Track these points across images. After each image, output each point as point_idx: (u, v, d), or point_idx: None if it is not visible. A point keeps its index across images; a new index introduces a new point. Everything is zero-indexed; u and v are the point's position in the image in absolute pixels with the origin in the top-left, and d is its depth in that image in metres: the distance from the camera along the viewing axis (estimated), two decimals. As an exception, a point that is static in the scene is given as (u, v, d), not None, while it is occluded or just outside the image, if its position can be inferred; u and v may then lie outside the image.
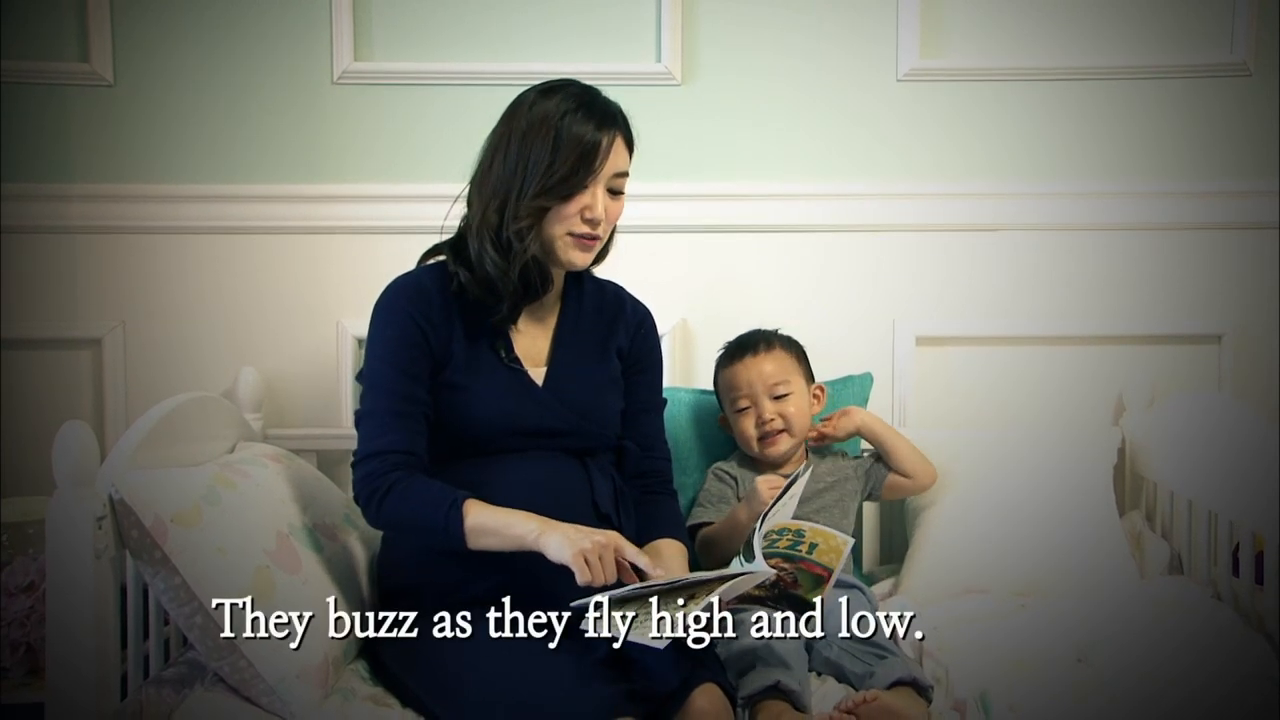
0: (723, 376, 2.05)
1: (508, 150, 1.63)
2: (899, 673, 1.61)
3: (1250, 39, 2.31)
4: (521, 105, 1.66)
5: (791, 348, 2.06)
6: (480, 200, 1.66)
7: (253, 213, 2.30)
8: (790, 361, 2.04)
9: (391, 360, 1.64)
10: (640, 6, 2.31)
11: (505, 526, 1.53)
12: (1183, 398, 2.19)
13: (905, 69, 2.33)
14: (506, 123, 1.66)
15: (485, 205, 1.65)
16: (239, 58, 2.29)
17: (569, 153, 1.60)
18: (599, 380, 1.77)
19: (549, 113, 1.61)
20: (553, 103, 1.63)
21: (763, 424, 1.99)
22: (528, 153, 1.61)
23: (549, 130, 1.61)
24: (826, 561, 1.56)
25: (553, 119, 1.61)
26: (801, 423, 2.01)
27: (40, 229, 2.28)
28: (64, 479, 1.45)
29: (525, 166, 1.61)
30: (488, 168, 1.67)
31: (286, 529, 1.65)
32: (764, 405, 1.99)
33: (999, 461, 2.15)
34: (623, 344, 1.81)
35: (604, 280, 1.88)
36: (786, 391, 2.00)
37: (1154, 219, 2.35)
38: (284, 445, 2.03)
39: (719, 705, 1.51)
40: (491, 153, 1.67)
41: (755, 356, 2.02)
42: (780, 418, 1.99)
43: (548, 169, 1.60)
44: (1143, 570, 2.08)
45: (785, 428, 1.99)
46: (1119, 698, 1.58)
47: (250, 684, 1.51)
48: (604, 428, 1.75)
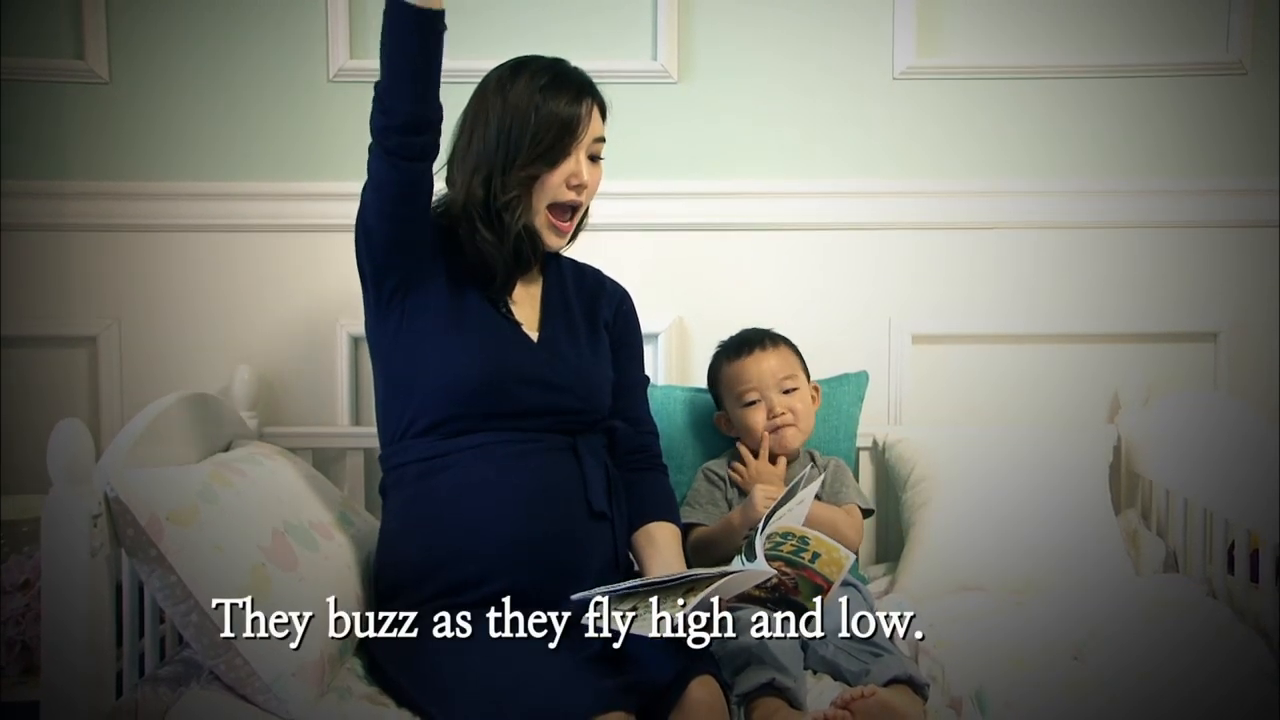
0: (728, 371, 2.04)
1: (486, 128, 1.66)
2: (895, 670, 1.62)
3: (1246, 37, 2.31)
4: (490, 84, 1.69)
5: (792, 346, 2.07)
6: (462, 178, 1.69)
7: (249, 210, 2.30)
8: (794, 359, 2.05)
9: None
10: (637, 5, 2.31)
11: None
12: (1179, 396, 2.20)
13: (902, 67, 2.33)
14: (479, 101, 1.70)
15: (469, 181, 1.67)
16: (235, 55, 2.29)
17: (550, 125, 1.64)
18: (593, 348, 1.79)
19: (523, 89, 1.66)
20: (524, 79, 1.67)
21: (774, 416, 1.99)
22: (508, 127, 1.65)
23: (528, 105, 1.64)
24: (828, 573, 1.56)
25: (529, 94, 1.65)
26: (808, 418, 2.02)
27: (36, 226, 2.27)
28: (59, 477, 1.44)
29: (508, 141, 1.65)
30: (465, 146, 1.69)
31: (282, 527, 1.65)
32: (775, 399, 1.99)
33: (995, 460, 2.15)
34: (607, 318, 1.84)
35: (578, 261, 1.90)
36: (794, 386, 2.01)
37: (1149, 217, 2.35)
38: (280, 443, 2.03)
39: (715, 697, 1.51)
40: (469, 131, 1.69)
41: (763, 351, 2.03)
42: (790, 412, 1.99)
43: (532, 141, 1.64)
44: (1138, 568, 2.09)
45: (794, 422, 1.99)
46: (1115, 695, 1.58)
47: (246, 682, 1.50)
48: (598, 396, 1.76)
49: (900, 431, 2.26)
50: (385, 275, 1.67)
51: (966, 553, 2.05)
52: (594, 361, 1.78)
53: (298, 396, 2.33)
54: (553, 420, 1.69)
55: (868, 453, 2.29)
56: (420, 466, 1.66)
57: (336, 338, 2.32)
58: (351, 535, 1.79)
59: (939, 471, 2.14)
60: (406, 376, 1.68)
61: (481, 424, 1.65)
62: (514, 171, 1.65)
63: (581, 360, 1.75)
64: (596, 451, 1.72)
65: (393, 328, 1.68)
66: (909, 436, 2.23)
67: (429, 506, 1.64)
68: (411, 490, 1.66)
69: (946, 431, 2.24)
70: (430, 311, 1.67)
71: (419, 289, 1.67)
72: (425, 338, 1.66)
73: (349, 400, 2.32)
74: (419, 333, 1.66)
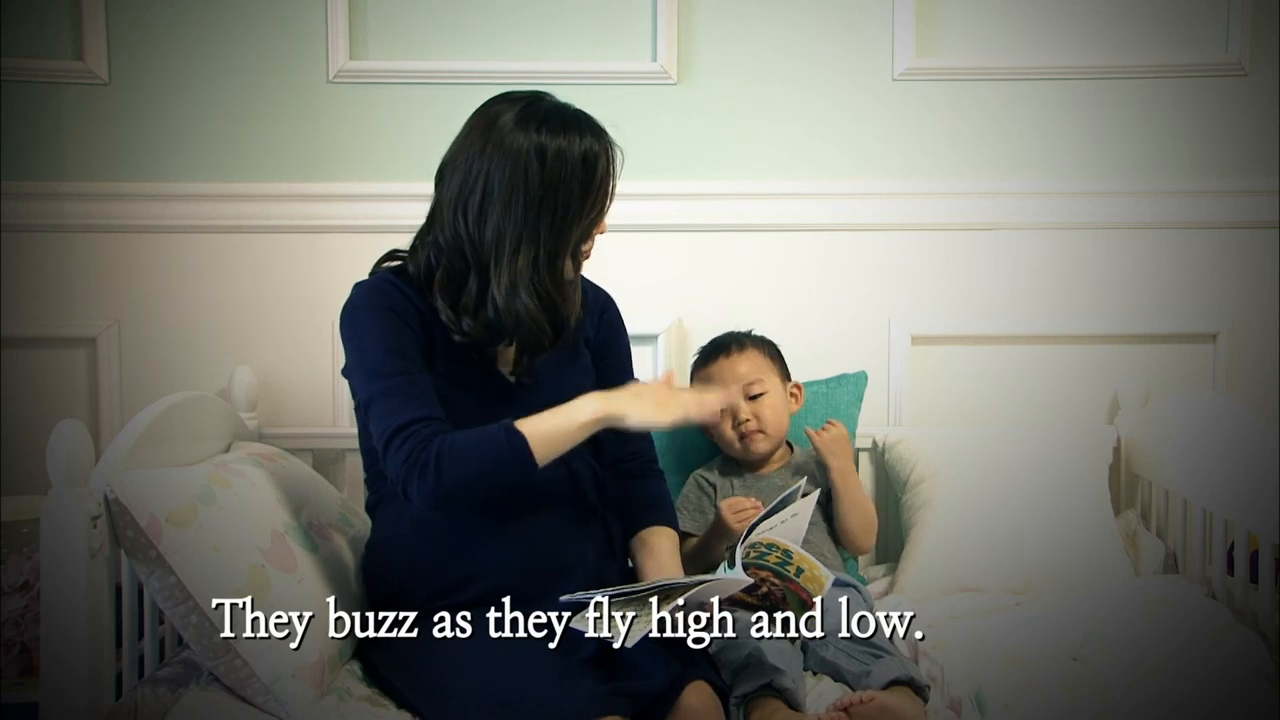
0: (698, 378, 2.05)
1: (525, 199, 1.52)
2: (895, 672, 1.62)
3: (1245, 38, 2.31)
4: (512, 149, 1.53)
5: (765, 347, 2.07)
6: (494, 244, 1.55)
7: (248, 211, 2.30)
8: (764, 360, 2.04)
9: (388, 346, 1.55)
10: (636, 5, 2.31)
11: (564, 420, 1.51)
12: (1178, 396, 2.20)
13: (901, 68, 2.33)
14: (502, 168, 1.53)
15: (513, 254, 1.54)
16: (234, 56, 2.29)
17: (596, 191, 1.56)
18: (572, 374, 1.73)
19: (561, 153, 1.53)
20: (555, 142, 1.53)
21: (739, 424, 1.99)
22: (555, 198, 1.53)
23: (570, 175, 1.53)
24: (812, 589, 1.57)
25: (569, 162, 1.53)
26: (777, 422, 2.01)
27: (35, 227, 2.27)
28: (59, 478, 1.44)
29: (562, 215, 1.54)
30: (488, 207, 1.54)
31: (281, 528, 1.65)
32: (740, 406, 1.99)
33: (994, 460, 2.15)
34: (589, 333, 1.78)
35: None
36: (761, 391, 1.99)
37: (1148, 218, 2.35)
38: (279, 444, 2.03)
39: (710, 703, 1.51)
40: (498, 198, 1.54)
41: (729, 358, 2.02)
42: (755, 418, 1.99)
43: (585, 212, 1.56)
44: (1138, 568, 2.09)
45: (760, 428, 1.99)
46: (1114, 696, 1.58)
47: (246, 683, 1.51)
48: None
49: (900, 432, 2.26)
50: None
51: (966, 553, 2.05)
52: (570, 386, 1.65)
53: (297, 397, 2.33)
54: None
55: (867, 454, 2.29)
56: None
57: (335, 339, 2.31)
58: (351, 537, 1.79)
59: (938, 472, 2.14)
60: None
61: None
62: (573, 244, 1.57)
63: (557, 391, 1.62)
64: (584, 457, 1.69)
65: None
66: (908, 437, 2.23)
67: (415, 515, 1.59)
68: (400, 502, 1.59)
69: (946, 432, 2.24)
70: (433, 371, 1.60)
71: (429, 360, 1.61)
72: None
73: (348, 401, 2.31)
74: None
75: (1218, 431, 2.00)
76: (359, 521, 1.86)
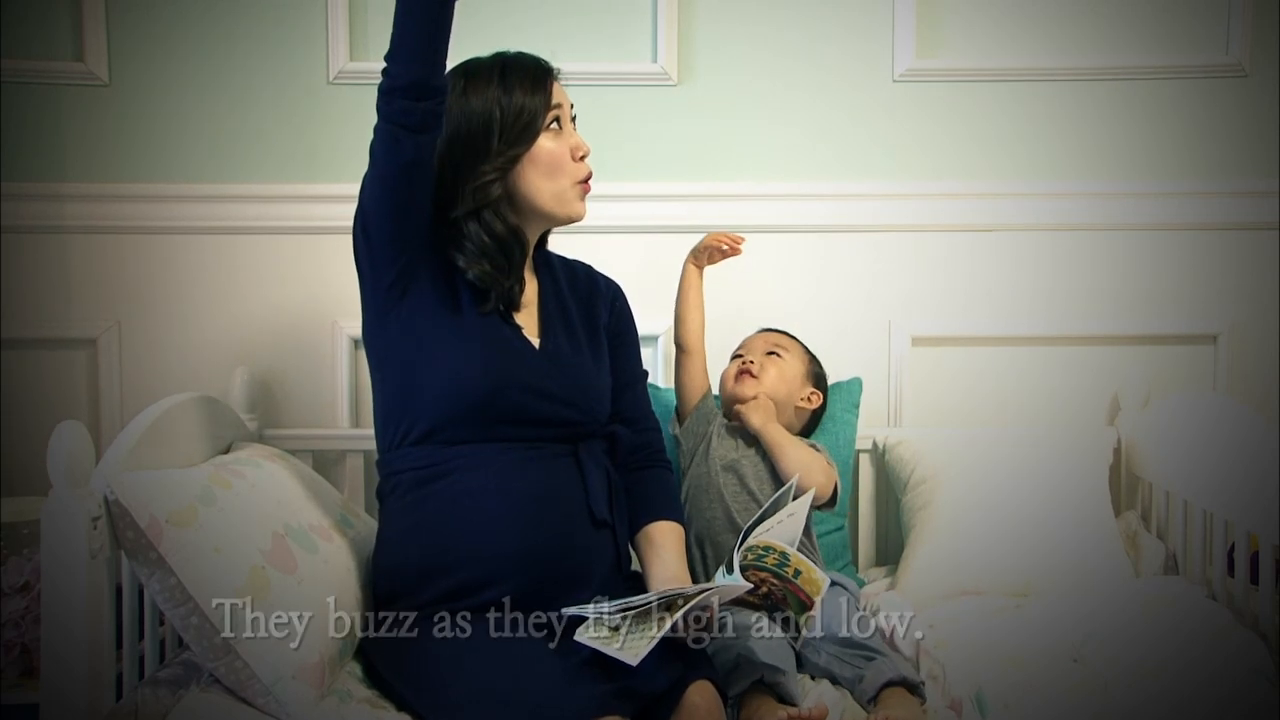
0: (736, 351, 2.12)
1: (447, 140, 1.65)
2: (889, 674, 1.62)
3: (1246, 40, 2.31)
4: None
5: (805, 349, 2.12)
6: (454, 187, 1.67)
7: (248, 212, 2.30)
8: (797, 349, 2.09)
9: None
10: (636, 6, 2.31)
11: None
12: (1178, 398, 2.20)
13: (901, 69, 2.33)
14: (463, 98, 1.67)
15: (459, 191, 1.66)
16: (235, 57, 2.29)
17: (521, 110, 1.66)
18: (594, 355, 1.77)
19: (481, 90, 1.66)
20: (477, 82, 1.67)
21: (744, 362, 2.04)
22: (480, 125, 1.65)
23: (492, 104, 1.65)
24: (810, 591, 1.58)
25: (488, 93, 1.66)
26: (776, 384, 2.03)
27: (35, 229, 2.27)
28: (59, 479, 1.44)
29: (477, 138, 1.65)
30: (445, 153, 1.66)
31: (282, 529, 1.65)
32: (755, 352, 2.06)
33: (994, 462, 2.15)
34: (605, 319, 1.82)
35: (567, 257, 1.88)
36: (779, 353, 2.06)
37: (1149, 219, 2.35)
38: (280, 446, 2.03)
39: (712, 702, 1.51)
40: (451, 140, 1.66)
41: (771, 332, 2.12)
42: (758, 364, 2.03)
43: (504, 129, 1.64)
44: (1138, 570, 2.08)
45: (756, 372, 2.02)
46: (1114, 697, 1.58)
47: (246, 684, 1.50)
48: (599, 406, 1.74)
49: (900, 434, 2.26)
50: (383, 270, 1.63)
51: (966, 555, 2.05)
52: (595, 371, 1.76)
53: (297, 398, 2.33)
54: (553, 429, 1.67)
55: (867, 455, 2.29)
56: (419, 474, 1.64)
57: (336, 340, 2.32)
58: (351, 538, 1.79)
59: (939, 474, 2.14)
60: (405, 383, 1.65)
61: (482, 432, 1.63)
62: (491, 160, 1.64)
63: (584, 371, 1.73)
64: (598, 458, 1.71)
65: (391, 331, 1.65)
66: (909, 439, 2.23)
67: (428, 513, 1.63)
68: (410, 497, 1.65)
69: (946, 434, 2.24)
70: (429, 313, 1.64)
71: (417, 287, 1.64)
72: (425, 343, 1.64)
73: (348, 402, 2.32)
74: (418, 337, 1.64)
75: (1218, 432, 2.00)
76: (359, 522, 1.86)
